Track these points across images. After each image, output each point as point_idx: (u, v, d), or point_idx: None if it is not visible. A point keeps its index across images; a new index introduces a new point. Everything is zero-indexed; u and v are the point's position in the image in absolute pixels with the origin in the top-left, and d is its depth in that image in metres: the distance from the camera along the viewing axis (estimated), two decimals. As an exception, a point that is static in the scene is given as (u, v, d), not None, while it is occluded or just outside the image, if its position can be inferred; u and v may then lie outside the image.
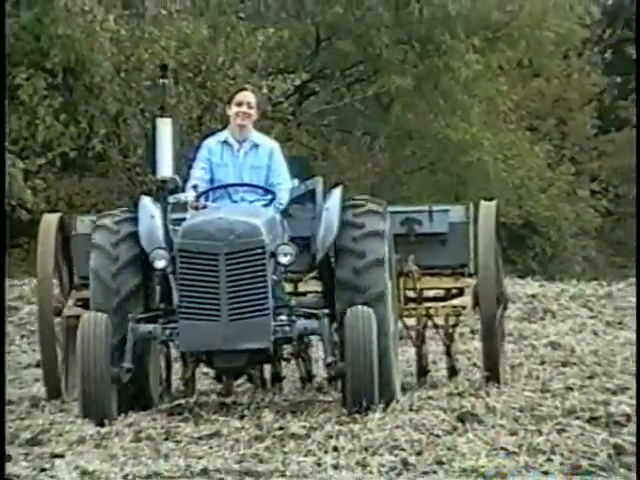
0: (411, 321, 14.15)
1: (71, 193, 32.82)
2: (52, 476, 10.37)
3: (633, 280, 26.59)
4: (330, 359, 11.19)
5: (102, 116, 30.92)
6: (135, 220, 11.57)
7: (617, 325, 18.90)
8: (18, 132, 30.90)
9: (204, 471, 10.67)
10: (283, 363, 13.94)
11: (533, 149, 35.93)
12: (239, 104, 12.25)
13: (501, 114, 35.36)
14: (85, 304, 12.65)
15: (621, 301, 21.11)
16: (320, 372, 13.73)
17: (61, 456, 11.25)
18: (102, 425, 11.64)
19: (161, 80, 13.12)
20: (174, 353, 13.81)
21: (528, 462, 10.74)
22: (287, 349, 12.62)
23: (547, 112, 37.44)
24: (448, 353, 13.54)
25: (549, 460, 10.75)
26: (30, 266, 22.74)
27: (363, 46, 33.47)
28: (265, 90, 33.48)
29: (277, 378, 13.56)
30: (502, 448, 11.44)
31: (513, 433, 12.01)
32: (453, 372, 13.36)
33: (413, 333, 13.95)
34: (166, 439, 11.65)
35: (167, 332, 11.26)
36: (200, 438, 11.56)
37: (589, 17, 37.87)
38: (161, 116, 12.50)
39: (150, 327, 11.29)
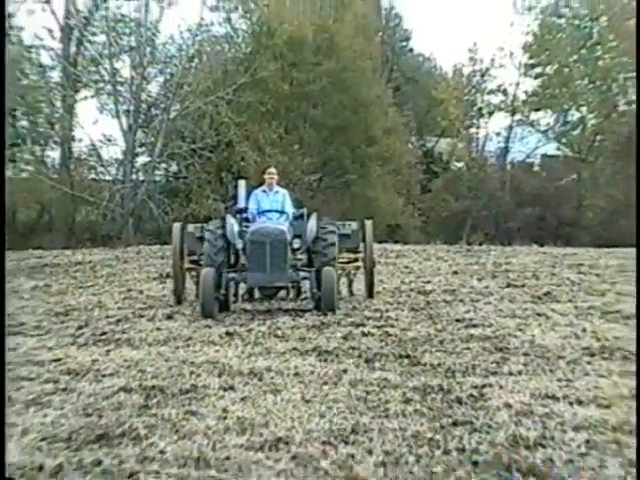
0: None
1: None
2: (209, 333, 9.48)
3: (434, 244, 25.50)
4: (314, 290, 10.58)
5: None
6: (224, 224, 10.88)
7: (426, 261, 18.39)
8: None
9: (282, 328, 10.42)
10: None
11: (398, 200, 34.91)
12: (268, 173, 11.67)
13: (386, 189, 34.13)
14: (193, 262, 11.86)
15: (427, 253, 20.74)
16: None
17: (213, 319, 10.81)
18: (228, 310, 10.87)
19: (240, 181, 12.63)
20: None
21: (397, 310, 10.77)
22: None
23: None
24: (350, 286, 12.54)
25: (402, 308, 10.73)
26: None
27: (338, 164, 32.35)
28: (306, 180, 30.39)
29: (297, 297, 12.17)
30: (388, 302, 11.48)
31: (393, 298, 12.04)
32: (351, 294, 12.39)
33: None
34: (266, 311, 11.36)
35: (241, 277, 10.67)
36: (279, 309, 11.19)
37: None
38: (241, 179, 12.19)
39: (233, 274, 10.67)
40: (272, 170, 11.84)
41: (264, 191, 11.50)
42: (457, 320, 9.60)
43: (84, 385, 6.40)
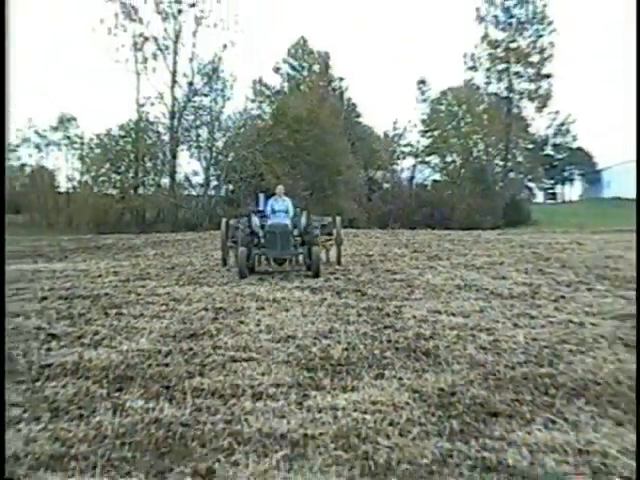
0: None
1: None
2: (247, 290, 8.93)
3: (373, 230, 24.37)
4: (306, 260, 9.45)
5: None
6: (250, 219, 9.65)
7: (369, 239, 17.67)
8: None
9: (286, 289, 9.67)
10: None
11: (354, 205, 33.56)
12: (278, 189, 10.46)
13: (347, 199, 32.87)
14: (233, 242, 10.25)
15: (370, 235, 20.45)
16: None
17: (246, 278, 9.64)
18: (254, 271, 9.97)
19: (260, 194, 10.79)
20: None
21: (354, 266, 10.48)
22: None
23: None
24: (327, 255, 10.86)
25: (356, 265, 10.04)
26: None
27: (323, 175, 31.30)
28: (302, 194, 29.69)
29: (297, 264, 10.10)
30: (349, 262, 11.12)
31: (351, 259, 11.65)
32: (327, 260, 10.77)
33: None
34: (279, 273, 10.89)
35: (261, 251, 9.39)
36: (283, 271, 10.77)
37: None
38: (261, 193, 11.42)
39: (257, 251, 9.43)
40: (281, 187, 10.98)
41: (275, 199, 10.64)
42: (386, 270, 9.54)
43: (182, 307, 6.31)
